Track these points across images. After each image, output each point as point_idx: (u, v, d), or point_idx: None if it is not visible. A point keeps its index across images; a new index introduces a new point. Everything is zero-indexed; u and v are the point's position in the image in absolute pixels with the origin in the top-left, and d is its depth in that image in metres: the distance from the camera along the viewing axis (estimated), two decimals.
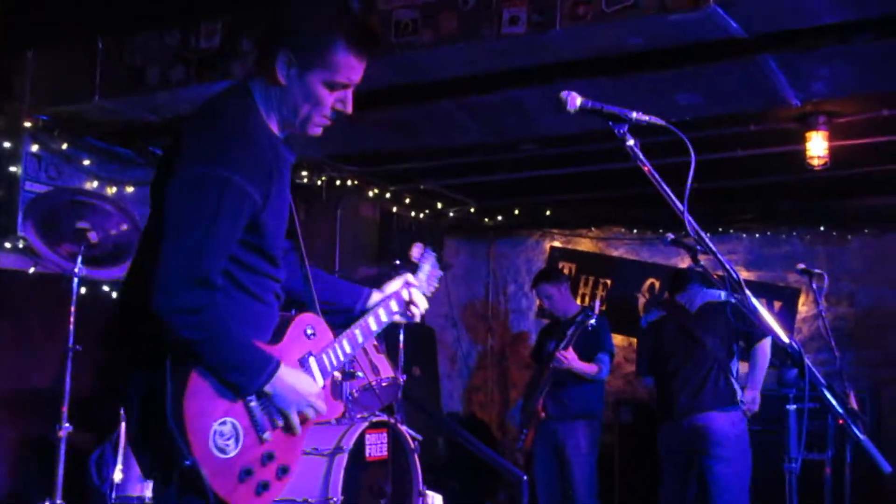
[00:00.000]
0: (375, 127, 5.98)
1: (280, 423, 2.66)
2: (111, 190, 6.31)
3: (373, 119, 5.77)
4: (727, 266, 2.57)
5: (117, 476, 4.83)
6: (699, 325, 6.32)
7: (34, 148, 5.90)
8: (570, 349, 6.55)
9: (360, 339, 3.03)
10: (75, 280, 4.77)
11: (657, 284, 9.05)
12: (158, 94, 5.48)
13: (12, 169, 5.81)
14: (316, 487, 4.85)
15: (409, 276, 3.26)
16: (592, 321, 6.46)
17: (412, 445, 5.41)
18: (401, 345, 5.80)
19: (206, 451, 2.46)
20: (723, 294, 6.25)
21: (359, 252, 8.81)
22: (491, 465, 7.06)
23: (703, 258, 5.39)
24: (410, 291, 3.20)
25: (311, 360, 2.82)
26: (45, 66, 5.79)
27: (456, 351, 10.10)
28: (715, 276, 5.22)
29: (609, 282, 9.32)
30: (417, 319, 3.24)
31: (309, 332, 2.85)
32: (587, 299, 9.06)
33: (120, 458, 4.86)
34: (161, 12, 5.28)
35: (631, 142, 2.55)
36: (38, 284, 5.85)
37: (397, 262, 6.06)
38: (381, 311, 3.11)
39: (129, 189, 6.46)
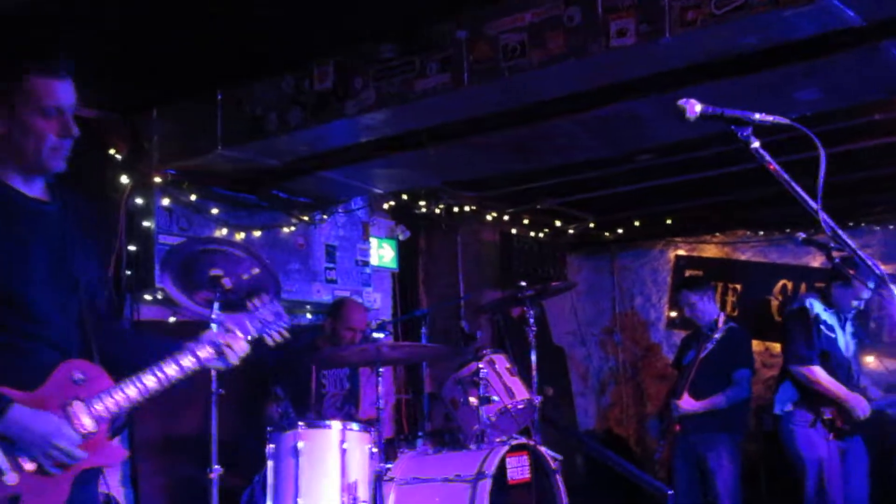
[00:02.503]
0: (490, 151, 6.01)
1: (27, 466, 2.66)
2: (239, 236, 6.49)
3: (486, 143, 5.80)
4: (867, 261, 2.50)
5: None
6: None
7: (165, 202, 6.10)
8: (686, 396, 6.46)
9: (152, 385, 2.93)
10: (213, 326, 4.91)
11: (789, 286, 8.82)
12: (278, 138, 5.62)
13: (146, 224, 6.03)
14: None
15: (228, 323, 3.20)
16: (718, 334, 6.38)
17: (554, 466, 5.38)
18: (533, 365, 5.78)
19: None
20: (808, 301, 6.14)
21: (482, 276, 8.84)
22: (633, 482, 6.97)
23: (837, 255, 5.26)
24: (227, 336, 3.14)
25: (78, 405, 2.78)
26: (169, 122, 6.00)
27: (587, 368, 10.02)
28: (850, 273, 5.06)
29: (739, 287, 9.13)
30: (233, 362, 3.15)
31: (77, 377, 2.82)
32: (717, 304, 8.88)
33: (269, 497, 4.97)
34: (275, 60, 5.42)
35: (756, 144, 2.51)
36: (178, 333, 6.04)
37: (522, 283, 6.06)
38: (186, 358, 3.03)
39: (256, 233, 6.63)
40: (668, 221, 9.16)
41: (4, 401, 2.64)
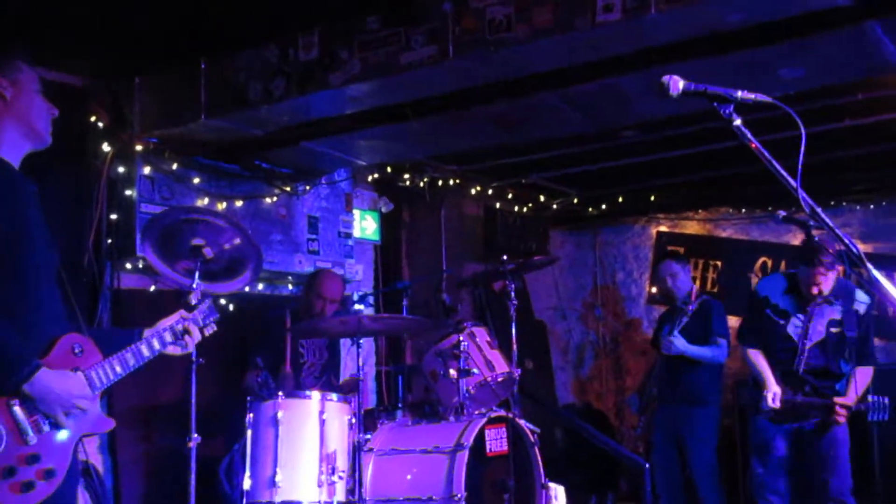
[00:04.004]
0: (475, 124, 6.00)
1: (46, 428, 2.87)
2: (221, 205, 6.46)
3: (471, 116, 5.79)
4: (846, 240, 2.52)
5: (246, 483, 4.95)
6: None
7: (147, 170, 6.07)
8: (677, 334, 6.48)
9: (132, 362, 3.23)
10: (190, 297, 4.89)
11: (769, 263, 8.88)
12: (261, 108, 5.59)
13: (128, 192, 6.00)
14: (439, 485, 4.90)
15: (184, 312, 3.54)
16: (692, 306, 6.41)
17: (532, 439, 5.42)
18: (513, 339, 5.80)
19: None
20: (763, 282, 6.18)
21: (465, 250, 8.85)
22: (611, 455, 7.03)
23: (817, 233, 5.29)
24: (184, 324, 3.47)
25: (79, 374, 3.01)
26: (151, 90, 5.95)
27: (568, 342, 10.07)
28: (831, 252, 5.09)
29: (719, 263, 9.18)
30: (190, 349, 3.51)
31: (77, 350, 3.05)
32: (697, 283, 8.93)
33: (247, 467, 4.98)
34: (259, 29, 5.39)
35: (738, 121, 2.53)
36: (158, 302, 6.04)
37: (504, 257, 6.07)
38: (155, 341, 3.36)
39: (239, 203, 6.61)
40: (652, 198, 9.20)
41: (35, 364, 2.85)
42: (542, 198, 9.35)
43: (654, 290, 9.50)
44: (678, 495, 6.70)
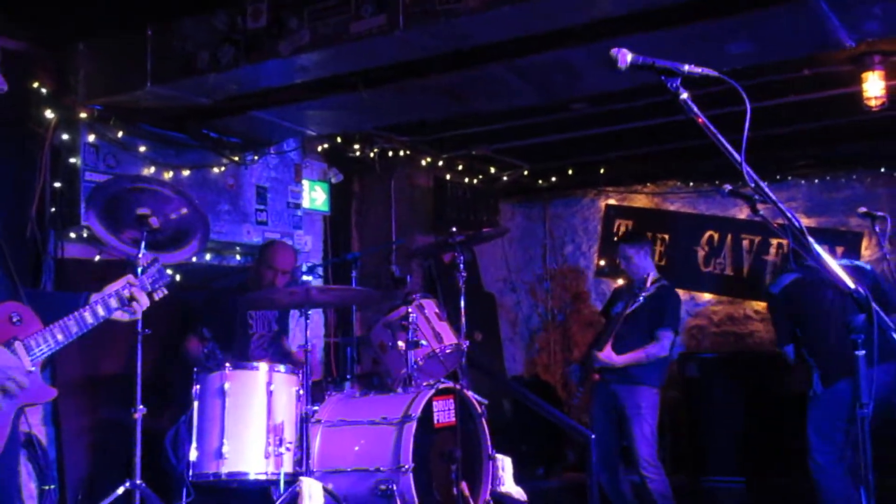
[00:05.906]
0: (424, 95, 5.97)
1: None
2: (168, 175, 6.39)
3: (421, 87, 5.77)
4: (788, 214, 2.56)
5: (193, 455, 4.93)
6: None
7: (91, 138, 5.97)
8: (607, 348, 6.45)
9: (75, 330, 3.15)
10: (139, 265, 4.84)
11: (716, 237, 8.98)
12: (209, 77, 5.52)
13: (72, 160, 5.90)
14: (387, 456, 4.92)
15: (131, 277, 3.44)
16: (648, 291, 6.42)
17: (479, 410, 5.45)
18: (462, 311, 5.82)
19: None
20: None
21: (414, 221, 8.84)
22: (558, 426, 7.07)
23: (762, 207, 5.34)
24: (131, 290, 3.37)
25: (18, 345, 2.96)
26: (96, 57, 5.85)
27: (517, 314, 10.12)
28: (775, 225, 5.17)
29: (667, 237, 9.25)
30: (138, 315, 3.44)
31: (14, 319, 2.99)
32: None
33: (194, 437, 4.96)
34: None
35: (685, 95, 2.54)
36: (104, 272, 5.96)
37: (454, 229, 6.07)
38: (100, 307, 3.27)
39: (185, 172, 6.53)
40: (601, 171, 9.23)
41: None
42: (492, 169, 9.36)
43: (602, 263, 9.57)
44: (614, 467, 6.72)
